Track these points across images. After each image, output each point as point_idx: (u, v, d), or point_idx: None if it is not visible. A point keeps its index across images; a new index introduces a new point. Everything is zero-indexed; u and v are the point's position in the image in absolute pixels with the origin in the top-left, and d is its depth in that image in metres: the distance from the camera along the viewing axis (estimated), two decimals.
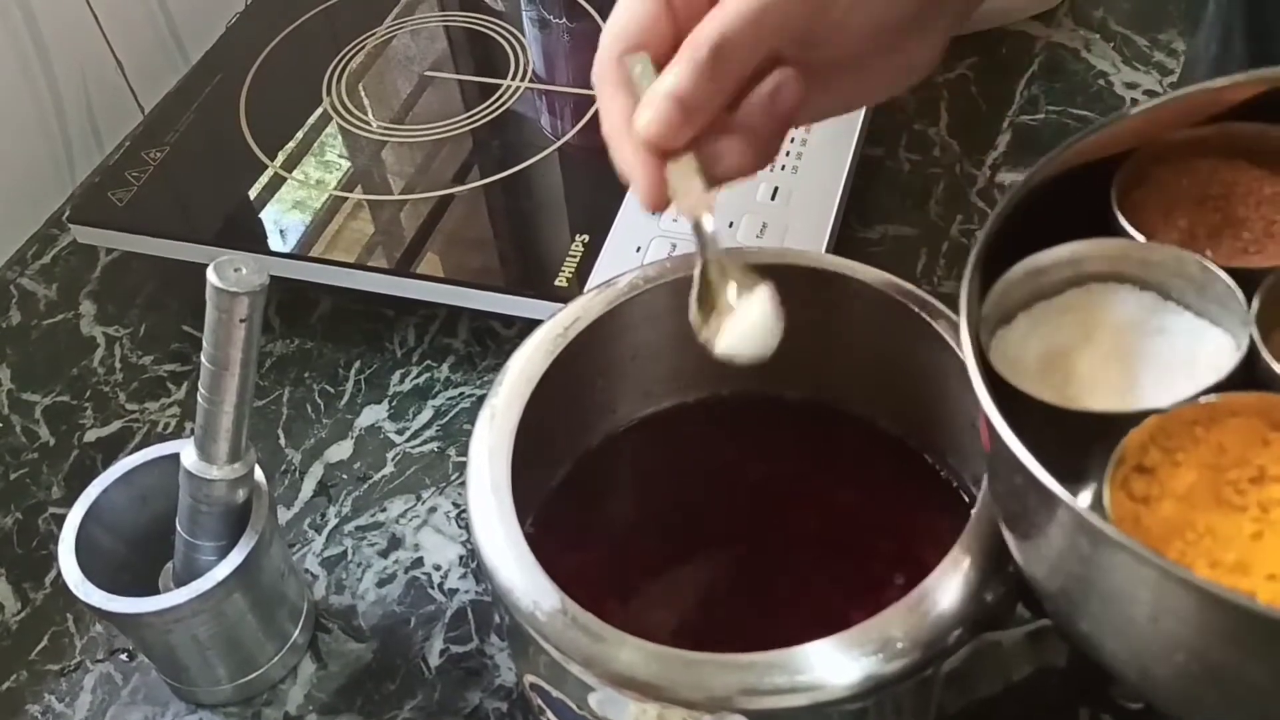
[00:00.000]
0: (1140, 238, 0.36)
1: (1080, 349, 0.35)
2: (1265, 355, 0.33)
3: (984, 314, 0.35)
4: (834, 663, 0.35)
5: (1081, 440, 0.32)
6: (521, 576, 0.38)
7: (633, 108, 0.37)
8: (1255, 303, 0.33)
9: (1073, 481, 0.32)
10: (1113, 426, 0.32)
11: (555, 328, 0.45)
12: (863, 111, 0.64)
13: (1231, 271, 0.34)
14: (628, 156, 0.38)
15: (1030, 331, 0.36)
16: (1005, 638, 0.37)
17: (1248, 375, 0.33)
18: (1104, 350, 0.35)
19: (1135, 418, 0.32)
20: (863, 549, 0.45)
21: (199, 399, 0.43)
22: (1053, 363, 0.35)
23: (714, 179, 0.37)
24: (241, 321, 0.41)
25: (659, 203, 0.37)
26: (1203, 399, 0.32)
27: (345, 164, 0.67)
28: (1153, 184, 0.38)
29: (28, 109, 0.73)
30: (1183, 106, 0.38)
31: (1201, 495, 0.31)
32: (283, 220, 0.64)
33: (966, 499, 0.45)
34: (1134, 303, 0.36)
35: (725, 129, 0.37)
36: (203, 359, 0.42)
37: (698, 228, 0.37)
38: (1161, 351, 0.34)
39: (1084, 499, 0.32)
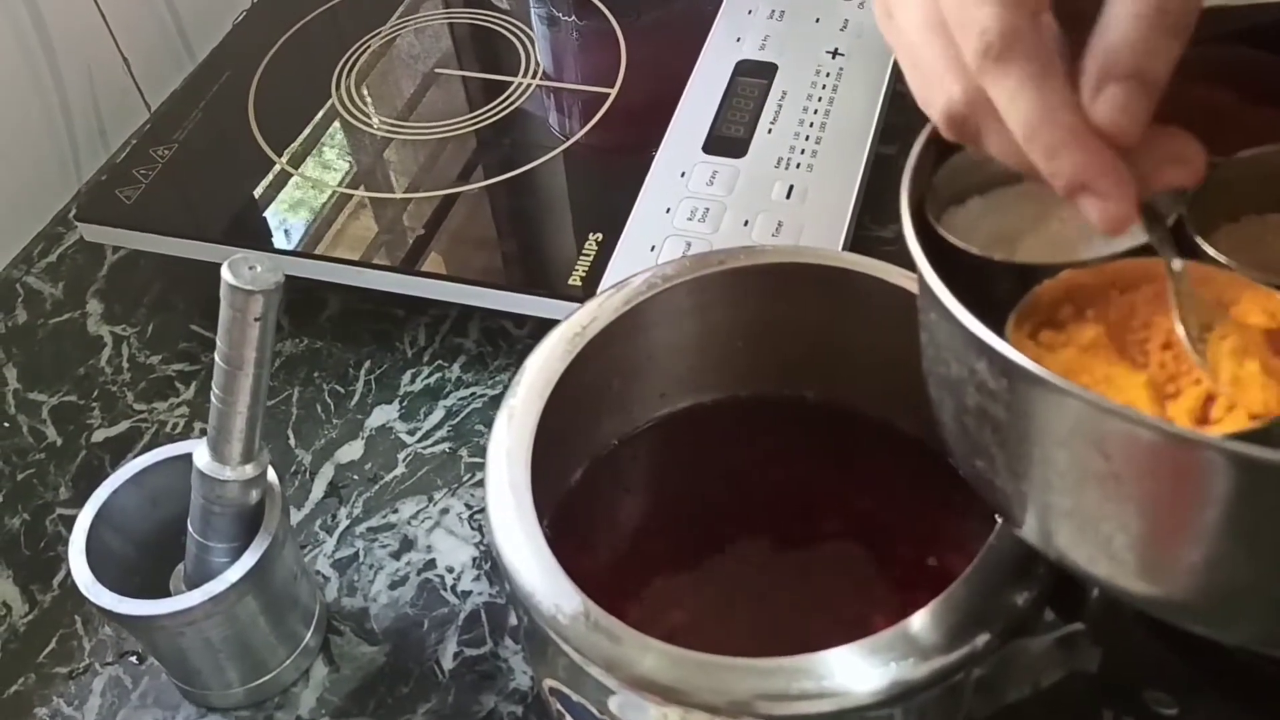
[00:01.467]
0: None
1: (1027, 234, 0.35)
2: (1190, 229, 0.32)
3: (935, 184, 0.35)
4: (860, 668, 0.35)
5: (1009, 303, 0.32)
6: (543, 579, 0.38)
7: (1068, 88, 0.28)
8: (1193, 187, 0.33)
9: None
10: (1036, 282, 0.32)
11: (573, 327, 0.44)
12: (878, 109, 0.64)
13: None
14: (1082, 154, 0.28)
15: (981, 215, 0.36)
16: (1034, 643, 0.36)
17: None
18: (1049, 236, 0.35)
19: (1054, 270, 0.32)
20: (884, 552, 0.45)
21: (212, 399, 0.43)
22: (998, 243, 0.34)
23: (1149, 189, 0.30)
24: (256, 320, 0.40)
25: (1133, 216, 0.29)
26: (1125, 260, 0.32)
27: (355, 162, 0.67)
28: None
29: (34, 107, 0.72)
30: None
31: (1104, 349, 0.31)
32: (291, 218, 0.64)
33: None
34: None
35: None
36: (216, 358, 0.42)
37: (1176, 267, 0.30)
38: (1108, 242, 0.33)
39: None
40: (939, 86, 0.31)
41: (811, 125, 0.63)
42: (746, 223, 0.59)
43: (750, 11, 0.70)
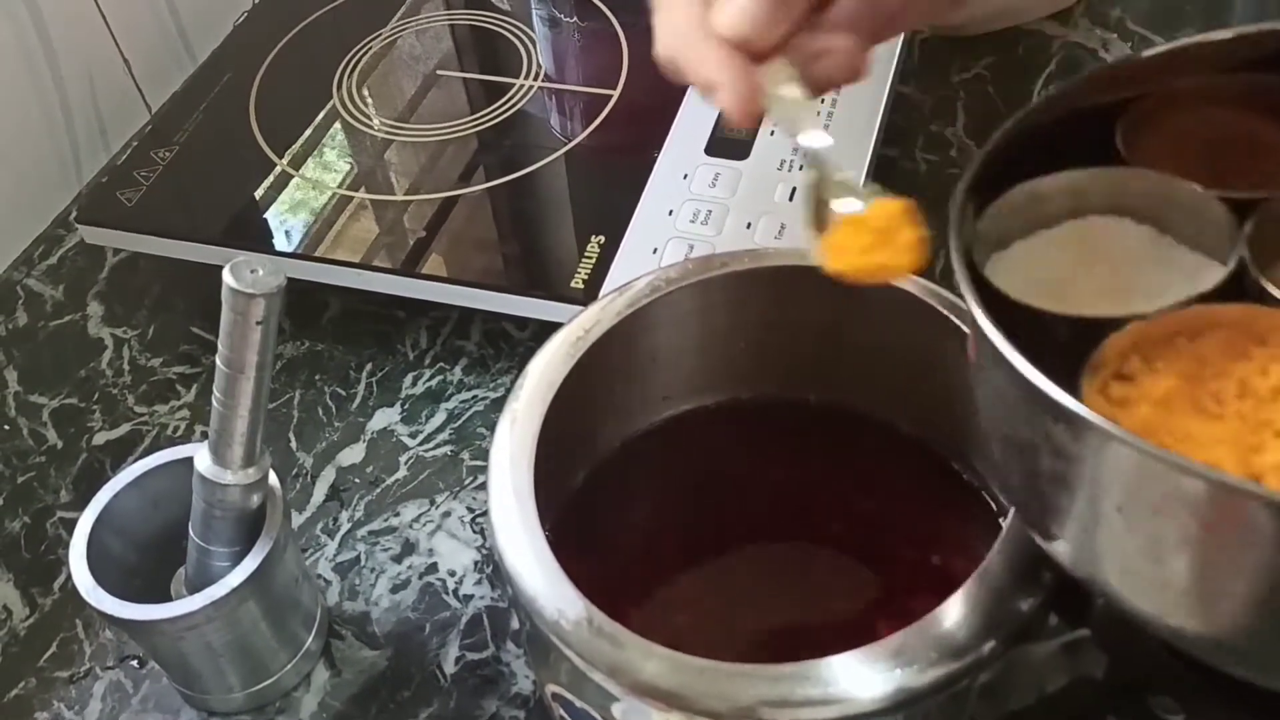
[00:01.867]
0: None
1: (1076, 280, 0.35)
2: (1253, 271, 0.32)
3: (979, 230, 0.35)
4: (864, 675, 0.35)
5: (1066, 352, 0.32)
6: (545, 584, 0.37)
7: (703, 6, 0.33)
8: (1249, 225, 0.33)
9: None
10: (1098, 335, 0.31)
11: (575, 330, 0.44)
12: (879, 112, 0.64)
13: (1230, 204, 0.34)
14: (707, 61, 0.33)
15: (1026, 258, 0.35)
16: (1039, 649, 0.36)
17: (1238, 297, 0.32)
18: (1099, 281, 0.34)
19: (1116, 324, 0.31)
20: (887, 556, 0.45)
21: (214, 402, 0.43)
22: (1046, 289, 0.34)
23: (815, 85, 0.33)
24: (258, 324, 0.40)
25: (752, 110, 0.32)
26: (1190, 308, 0.32)
27: (356, 163, 0.67)
28: (1161, 128, 0.38)
29: (34, 109, 0.72)
30: (1194, 53, 0.37)
31: (1180, 402, 0.31)
32: (292, 220, 0.64)
33: (993, 505, 0.45)
34: (1133, 235, 0.35)
35: (821, 26, 0.33)
36: (218, 362, 0.42)
37: (804, 145, 0.33)
38: (1158, 284, 0.34)
39: None
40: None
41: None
42: (749, 225, 0.58)
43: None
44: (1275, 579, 0.27)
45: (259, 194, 0.65)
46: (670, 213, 0.59)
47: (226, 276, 0.39)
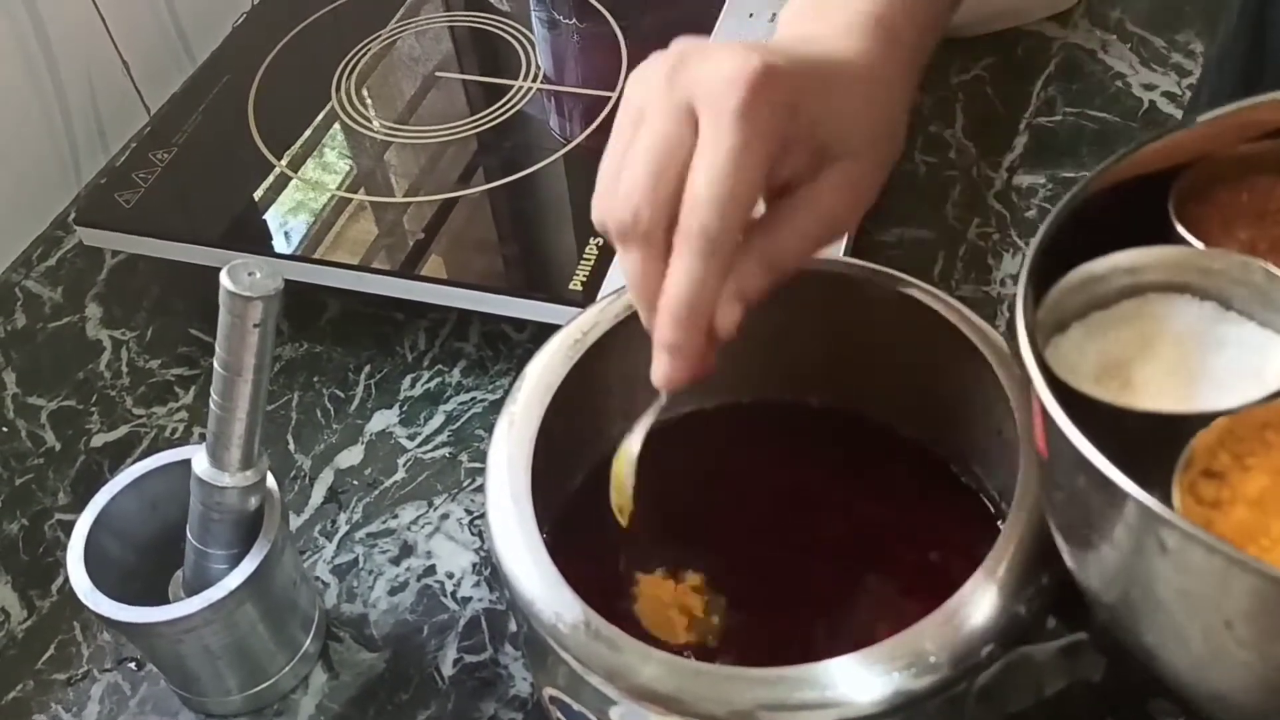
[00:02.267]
0: (1201, 246, 0.36)
1: (1139, 360, 0.34)
2: None
3: (1039, 320, 0.34)
4: (862, 678, 0.35)
5: (1141, 447, 0.31)
6: (543, 587, 0.37)
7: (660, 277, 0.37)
8: None
9: None
10: (1176, 430, 0.31)
11: (573, 333, 0.44)
12: None
13: None
14: (660, 334, 0.38)
15: (1086, 341, 0.35)
16: (1038, 652, 0.36)
17: None
18: (1163, 361, 0.34)
19: (1201, 420, 0.31)
20: (886, 559, 0.45)
21: (211, 405, 0.43)
22: (1110, 372, 0.34)
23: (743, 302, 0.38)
24: (255, 326, 0.40)
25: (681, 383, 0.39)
26: (1276, 403, 0.31)
27: (355, 165, 0.67)
28: (1211, 199, 0.38)
29: (33, 110, 0.72)
30: (1241, 120, 0.37)
31: (1275, 500, 0.30)
32: (291, 222, 0.64)
33: (991, 508, 0.45)
34: (1194, 313, 0.35)
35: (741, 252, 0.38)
36: (215, 364, 0.42)
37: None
38: (1224, 362, 0.34)
39: None
40: (630, 202, 0.37)
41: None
42: None
43: (751, 15, 0.70)
44: None
45: (258, 196, 0.65)
46: None
47: (224, 280, 0.39)
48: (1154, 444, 0.31)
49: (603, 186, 0.39)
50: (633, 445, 0.41)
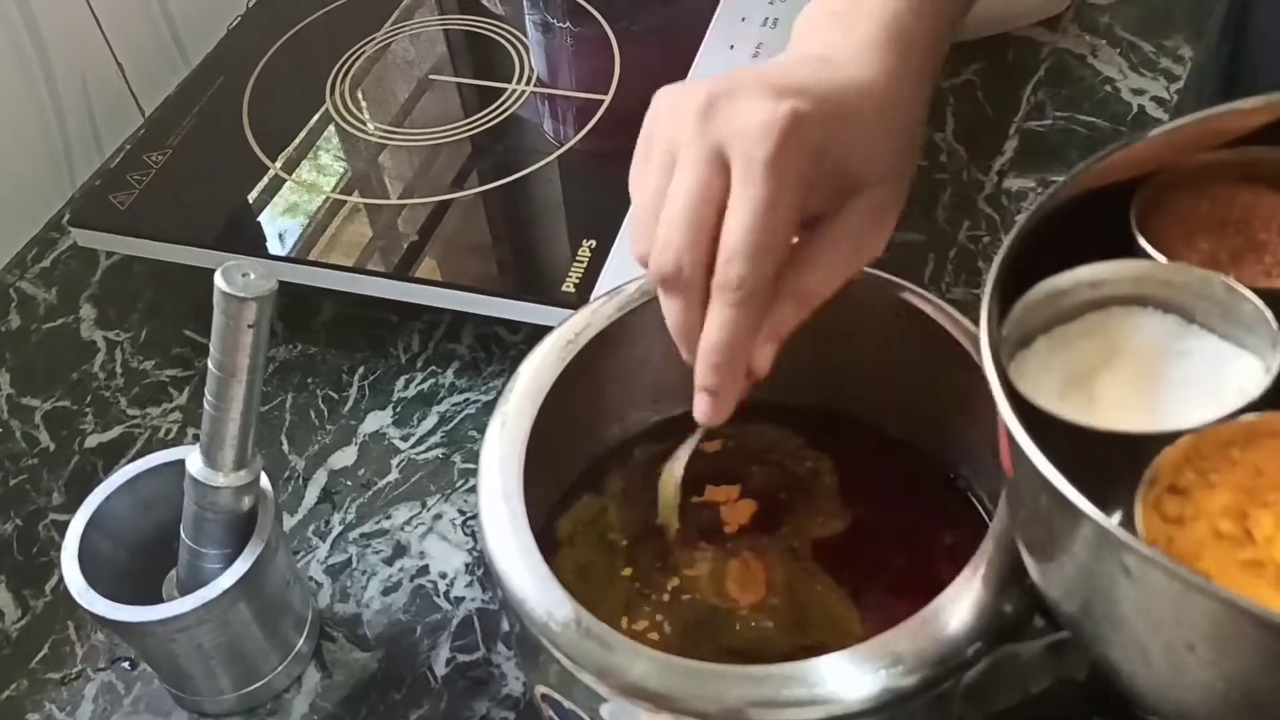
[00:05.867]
0: (1163, 260, 0.36)
1: (1102, 373, 0.34)
2: None
3: (1003, 336, 0.35)
4: (849, 676, 0.35)
5: (1105, 464, 0.31)
6: (535, 586, 0.38)
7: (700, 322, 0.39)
8: None
9: (1096, 508, 0.32)
10: (1141, 448, 0.31)
11: (566, 334, 0.45)
12: None
13: (1257, 293, 0.34)
14: (701, 379, 0.40)
15: (1050, 355, 0.35)
16: (1024, 650, 0.36)
17: (1278, 401, 0.32)
18: (1126, 374, 0.34)
19: (1166, 438, 0.31)
20: (875, 559, 0.45)
21: (205, 405, 0.43)
22: (1074, 386, 0.34)
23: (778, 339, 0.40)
24: (249, 327, 0.40)
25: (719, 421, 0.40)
26: (1240, 418, 0.31)
27: (349, 167, 0.67)
28: (1172, 208, 0.38)
29: (28, 112, 0.72)
30: (1202, 129, 0.37)
31: (1238, 517, 0.30)
32: (285, 224, 0.64)
33: (980, 509, 0.45)
34: (1157, 325, 0.35)
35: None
36: (209, 365, 0.42)
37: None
38: (1186, 375, 0.34)
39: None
40: (672, 252, 0.38)
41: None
42: None
43: (744, 19, 0.70)
44: None
45: (252, 198, 0.65)
46: None
47: (218, 280, 0.40)
48: (1117, 461, 0.31)
49: (640, 222, 0.40)
50: (677, 470, 0.43)
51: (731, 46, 0.68)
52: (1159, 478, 0.31)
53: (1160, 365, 0.34)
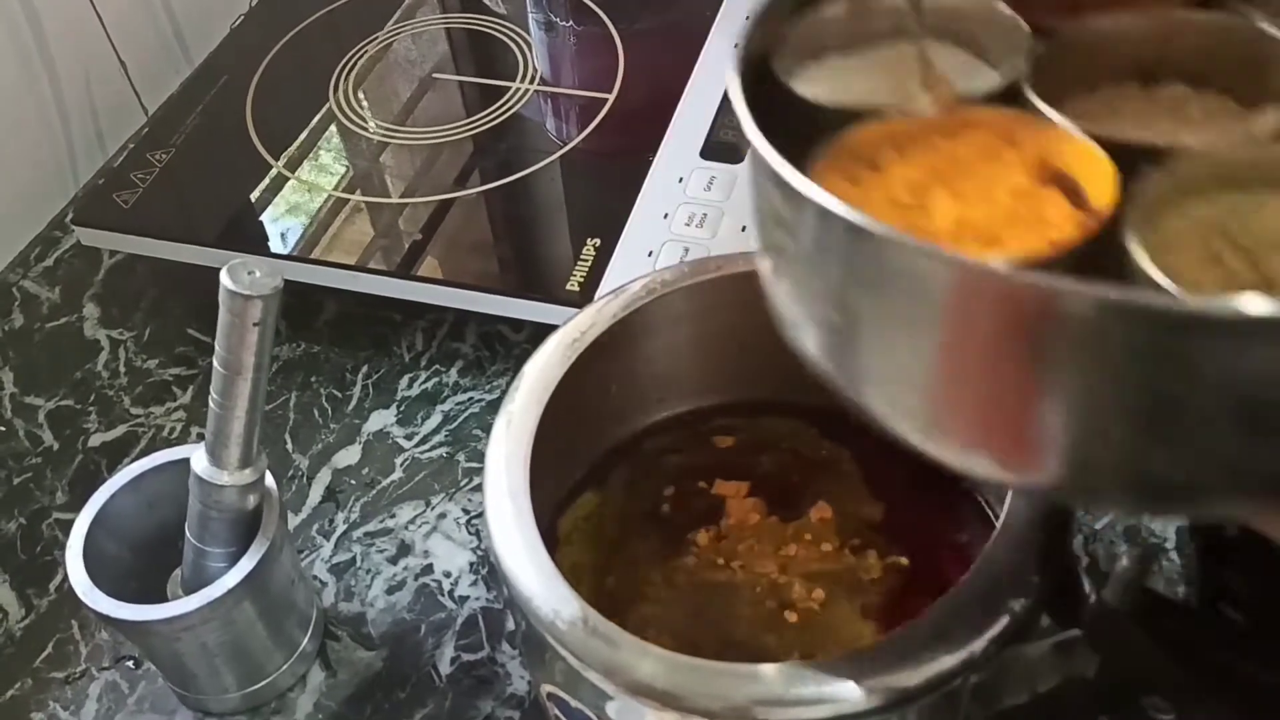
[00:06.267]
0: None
1: (880, 96, 0.34)
2: (1027, 92, 0.32)
3: (788, 34, 0.35)
4: (857, 675, 0.35)
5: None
6: (541, 585, 0.38)
7: None
8: (1040, 47, 0.33)
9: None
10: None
11: (571, 332, 0.44)
12: None
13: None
14: None
15: (837, 74, 0.35)
16: (1031, 649, 0.36)
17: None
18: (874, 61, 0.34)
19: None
20: (882, 557, 0.45)
21: (210, 403, 0.43)
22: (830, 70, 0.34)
23: None
24: (255, 325, 0.40)
25: None
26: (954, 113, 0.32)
27: (352, 166, 0.67)
28: None
29: (31, 110, 0.72)
30: None
31: (921, 192, 0.30)
32: (288, 222, 0.64)
33: (988, 509, 0.45)
34: (950, 59, 0.35)
35: None
36: (215, 363, 0.42)
37: None
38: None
39: None
40: None
41: None
42: (744, 228, 0.59)
43: (748, 17, 0.70)
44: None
45: (255, 196, 0.65)
46: (665, 216, 0.60)
47: (224, 278, 0.40)
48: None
49: None
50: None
51: (736, 45, 0.68)
52: (858, 147, 0.31)
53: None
